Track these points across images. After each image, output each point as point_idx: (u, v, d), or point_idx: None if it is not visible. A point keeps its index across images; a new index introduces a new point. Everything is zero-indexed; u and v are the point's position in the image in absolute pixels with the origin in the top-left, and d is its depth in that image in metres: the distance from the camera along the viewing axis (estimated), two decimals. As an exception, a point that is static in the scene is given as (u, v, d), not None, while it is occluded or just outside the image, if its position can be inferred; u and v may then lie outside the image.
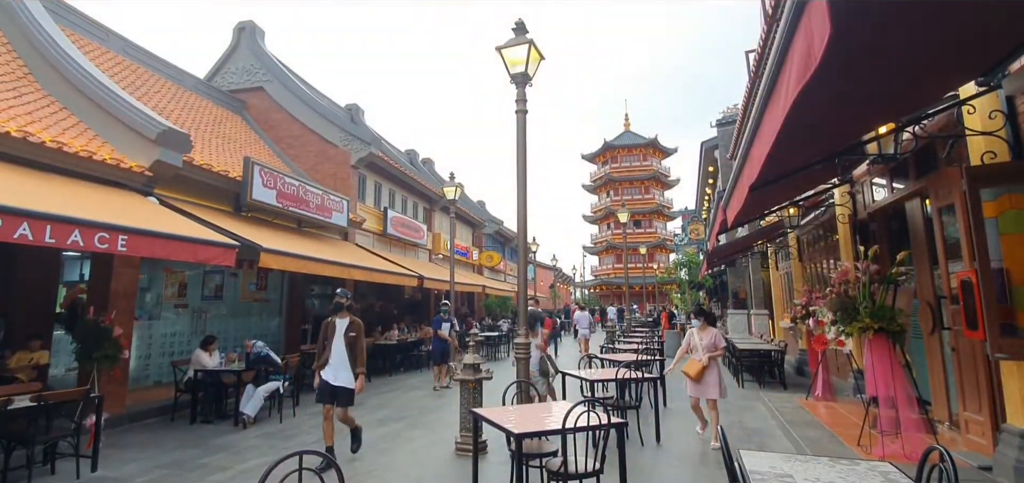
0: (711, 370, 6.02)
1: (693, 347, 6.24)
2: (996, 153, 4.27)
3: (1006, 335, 3.96)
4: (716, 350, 6.13)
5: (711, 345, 6.12)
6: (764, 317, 14.67)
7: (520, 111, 5.93)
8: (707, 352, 6.06)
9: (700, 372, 6.01)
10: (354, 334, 5.55)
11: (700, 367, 6.02)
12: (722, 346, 6.25)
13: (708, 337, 6.18)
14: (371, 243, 14.79)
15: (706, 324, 6.33)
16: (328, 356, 5.48)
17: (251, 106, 15.14)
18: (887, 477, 2.57)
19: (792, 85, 2.07)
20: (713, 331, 6.28)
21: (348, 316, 5.65)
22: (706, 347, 6.09)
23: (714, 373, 6.02)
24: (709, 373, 6.01)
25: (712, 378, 6.01)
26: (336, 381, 5.42)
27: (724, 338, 10.20)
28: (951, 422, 5.52)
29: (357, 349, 5.55)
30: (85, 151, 6.89)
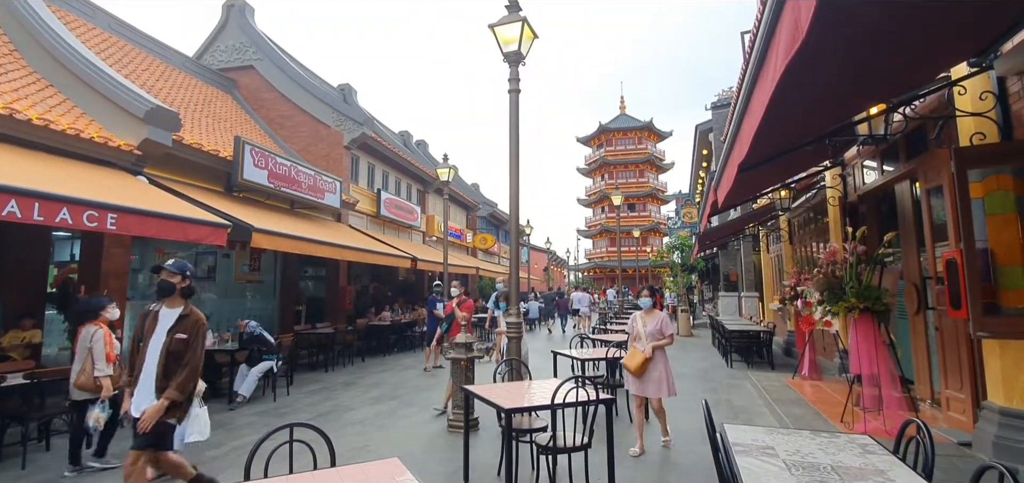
0: (656, 363, 5.01)
1: (636, 335, 5.18)
2: (985, 134, 4.31)
3: (989, 314, 4.05)
4: (662, 337, 5.03)
5: (656, 332, 5.03)
6: (754, 299, 14.82)
7: (513, 90, 5.90)
8: (652, 340, 5.01)
9: (642, 365, 4.95)
10: (184, 336, 3.52)
11: (642, 359, 4.94)
12: (670, 333, 5.08)
13: (653, 322, 5.12)
14: (364, 225, 14.76)
15: (653, 306, 5.34)
16: (139, 372, 3.53)
17: (241, 85, 14.94)
18: (865, 449, 2.64)
19: (779, 60, 2.09)
20: (659, 316, 5.20)
21: (182, 305, 3.65)
22: (651, 334, 5.02)
23: (660, 367, 5.02)
24: (653, 367, 4.99)
25: (657, 373, 5.00)
26: (138, 412, 3.46)
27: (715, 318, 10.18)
28: (933, 400, 5.64)
29: (184, 361, 3.48)
30: (72, 129, 6.80)
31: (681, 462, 4.85)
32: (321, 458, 2.68)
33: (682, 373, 9.69)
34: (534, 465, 4.26)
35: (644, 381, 5.03)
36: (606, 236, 52.09)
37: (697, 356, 12.08)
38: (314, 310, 13.56)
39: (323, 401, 7.40)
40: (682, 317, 17.16)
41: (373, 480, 2.31)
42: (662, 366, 5.05)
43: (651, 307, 5.30)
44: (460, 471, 4.48)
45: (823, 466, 2.38)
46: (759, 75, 2.56)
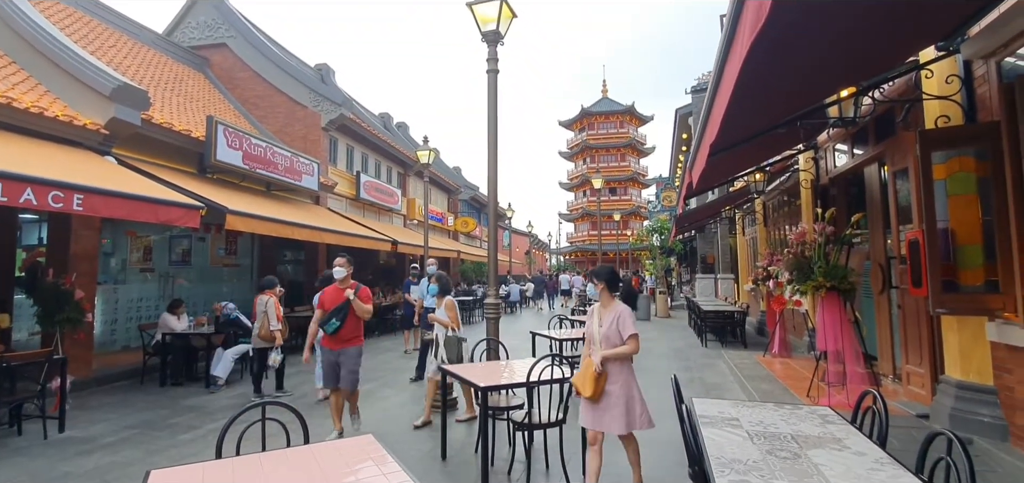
0: (614, 381, 3.42)
1: (591, 337, 3.60)
2: (950, 117, 4.44)
3: (947, 292, 4.21)
4: (620, 342, 3.42)
5: (611, 334, 3.45)
6: (730, 281, 15.13)
7: (491, 70, 5.87)
8: (605, 347, 3.46)
9: (593, 385, 3.39)
10: None
11: (592, 377, 3.39)
12: (629, 335, 3.41)
13: (609, 318, 3.50)
14: (344, 207, 14.59)
15: (611, 294, 3.62)
16: None
17: (214, 63, 14.53)
18: (825, 419, 2.76)
19: (745, 40, 2.12)
20: (616, 311, 3.51)
21: None
22: (604, 337, 3.47)
23: (619, 387, 3.41)
24: (612, 385, 3.41)
25: (614, 397, 3.39)
26: None
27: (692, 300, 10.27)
28: (895, 375, 5.87)
29: None
30: (36, 107, 6.56)
31: (655, 436, 4.96)
32: (296, 438, 2.69)
33: (658, 352, 9.90)
34: (511, 442, 4.33)
35: (600, 409, 3.41)
36: (587, 220, 52.38)
37: (674, 336, 12.33)
38: (293, 294, 13.43)
39: (302, 384, 7.37)
40: (660, 299, 17.45)
41: (347, 458, 2.33)
42: (622, 385, 3.40)
43: (611, 297, 3.61)
44: (438, 449, 4.53)
45: (783, 435, 2.48)
46: (728, 56, 2.60)
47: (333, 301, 4.84)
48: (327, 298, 4.88)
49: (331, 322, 4.80)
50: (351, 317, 4.83)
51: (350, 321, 4.82)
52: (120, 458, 4.55)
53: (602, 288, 3.65)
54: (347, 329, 4.83)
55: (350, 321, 4.82)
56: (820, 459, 2.17)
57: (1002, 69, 4.05)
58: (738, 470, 2.04)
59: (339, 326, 4.80)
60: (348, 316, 4.82)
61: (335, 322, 4.79)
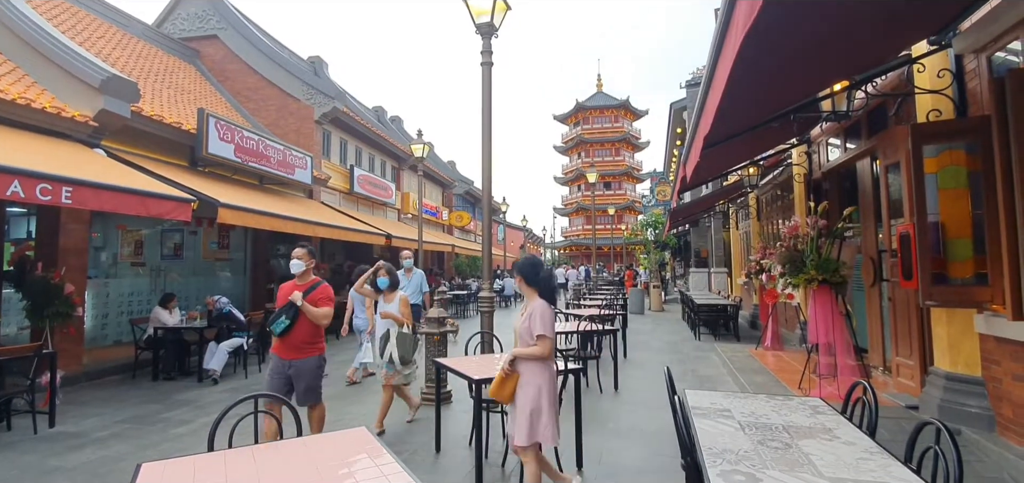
0: (523, 384, 3.09)
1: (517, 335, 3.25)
2: (942, 111, 4.47)
3: (937, 284, 4.25)
4: (533, 340, 3.07)
5: (525, 332, 3.13)
6: (723, 275, 15.22)
7: (485, 63, 5.84)
8: (520, 344, 3.17)
9: (502, 387, 3.14)
10: None
11: (499, 378, 3.14)
12: (539, 334, 3.04)
13: (526, 315, 3.18)
14: (337, 201, 14.52)
15: (531, 287, 3.26)
16: None
17: (205, 55, 14.37)
18: (816, 410, 2.78)
19: (738, 32, 2.12)
20: (534, 306, 3.16)
21: None
22: (519, 335, 3.19)
23: (528, 391, 3.06)
24: (520, 389, 3.11)
25: (522, 403, 3.07)
26: None
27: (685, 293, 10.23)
28: (885, 367, 5.94)
29: None
30: (23, 98, 6.47)
31: (647, 428, 5.00)
32: (288, 431, 2.68)
33: (652, 346, 9.95)
34: (505, 434, 4.33)
35: (512, 415, 3.18)
36: (582, 214, 52.45)
37: (667, 329, 12.39)
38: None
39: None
40: (654, 292, 17.52)
41: (340, 450, 2.33)
42: (529, 391, 3.05)
43: (532, 291, 3.25)
44: (432, 442, 4.54)
45: (775, 426, 2.50)
46: (721, 49, 2.59)
47: (287, 297, 4.02)
48: (283, 295, 4.08)
49: (279, 321, 3.90)
50: (305, 318, 3.97)
51: (305, 323, 3.97)
52: (111, 452, 4.53)
53: (520, 281, 3.31)
54: (301, 333, 3.95)
55: (305, 323, 3.97)
56: (811, 449, 2.19)
57: (993, 63, 4.08)
58: (730, 460, 2.06)
59: (289, 326, 3.90)
60: (301, 315, 3.95)
61: (284, 320, 3.90)
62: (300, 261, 4.14)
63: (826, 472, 1.95)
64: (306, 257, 4.16)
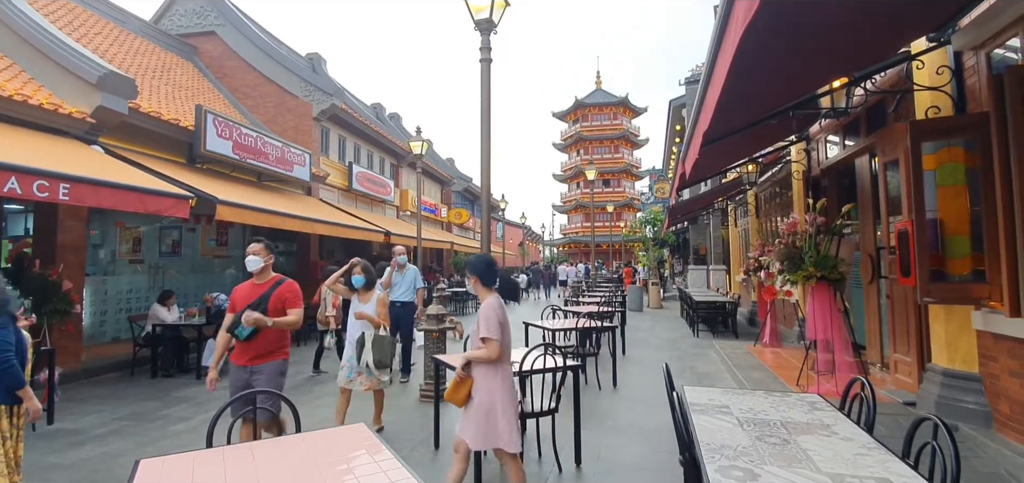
0: (478, 387, 3.00)
1: None
2: (940, 108, 4.47)
3: (935, 281, 4.25)
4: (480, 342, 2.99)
5: (474, 332, 3.09)
6: (722, 272, 15.23)
7: (484, 60, 5.83)
8: (472, 346, 3.14)
9: (456, 391, 3.08)
10: None
11: (454, 384, 3.10)
12: (485, 336, 2.95)
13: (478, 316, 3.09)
14: (336, 199, 14.50)
15: (487, 288, 3.17)
16: None
17: (202, 52, 14.33)
18: (814, 406, 2.79)
19: (738, 27, 2.12)
20: (483, 307, 3.09)
21: None
22: (473, 335, 3.14)
23: (481, 394, 2.97)
24: (475, 392, 3.01)
25: (476, 406, 2.97)
26: None
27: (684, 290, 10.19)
28: (882, 364, 5.95)
29: None
30: (20, 95, 6.45)
31: (646, 425, 5.01)
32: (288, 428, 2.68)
33: (651, 343, 9.97)
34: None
35: (464, 417, 3.06)
36: (581, 211, 52.46)
37: (665, 326, 12.41)
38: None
39: (296, 375, 7.35)
40: (653, 290, 17.54)
41: (340, 447, 2.33)
42: (482, 394, 2.96)
43: (487, 291, 3.17)
44: (431, 438, 4.54)
45: (773, 422, 2.50)
46: (721, 45, 2.59)
47: (246, 299, 3.61)
48: (239, 296, 3.65)
49: (241, 326, 3.50)
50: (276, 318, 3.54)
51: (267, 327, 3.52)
52: (110, 449, 4.52)
53: (475, 281, 3.19)
54: (265, 338, 3.56)
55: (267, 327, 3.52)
56: (808, 445, 2.19)
57: (991, 60, 4.08)
58: (728, 456, 2.06)
59: (253, 331, 3.53)
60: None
61: (246, 326, 3.50)
62: (257, 257, 3.65)
63: (824, 467, 1.95)
64: (264, 252, 3.70)
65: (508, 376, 3.06)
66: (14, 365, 2.87)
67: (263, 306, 3.55)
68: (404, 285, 7.16)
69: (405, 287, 7.15)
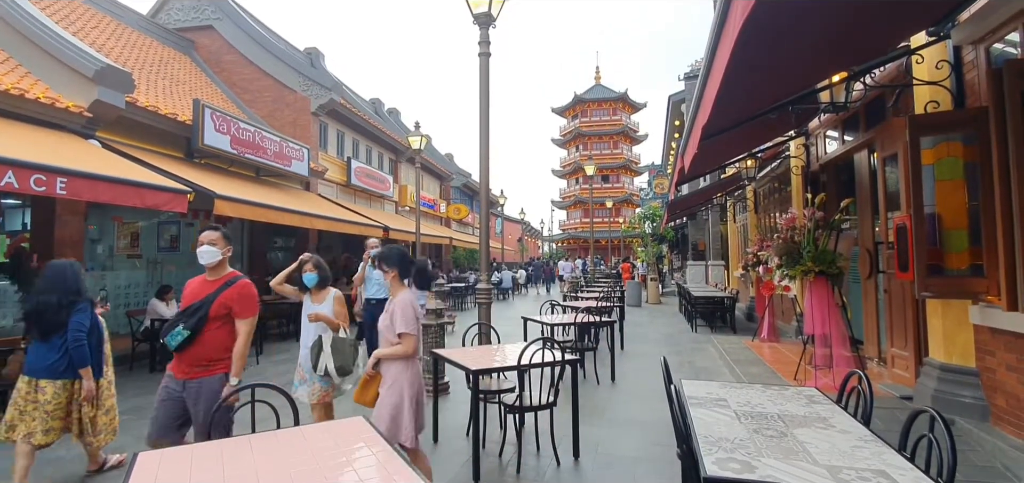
0: (391, 386, 2.95)
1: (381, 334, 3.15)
2: (939, 103, 4.46)
3: (933, 275, 4.26)
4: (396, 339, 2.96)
5: (387, 328, 3.01)
6: (721, 267, 15.25)
7: (483, 54, 5.82)
8: (383, 342, 3.05)
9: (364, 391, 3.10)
10: None
11: (363, 384, 3.11)
12: (401, 332, 2.92)
13: (388, 312, 3.06)
14: (335, 194, 14.48)
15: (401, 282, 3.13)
16: None
17: (200, 46, 14.27)
18: (811, 400, 2.79)
19: (737, 20, 2.11)
20: (399, 300, 3.01)
21: None
22: (382, 332, 3.06)
23: (389, 390, 2.95)
24: (386, 392, 2.96)
25: (383, 402, 2.94)
26: None
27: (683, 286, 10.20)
28: (880, 358, 5.97)
29: None
30: (16, 89, 6.42)
31: (644, 418, 5.03)
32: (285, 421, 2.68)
33: (649, 338, 9.99)
34: (502, 424, 4.35)
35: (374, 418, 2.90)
36: (580, 207, 52.44)
37: (664, 321, 12.43)
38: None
39: (293, 370, 7.34)
40: (651, 285, 17.56)
41: (338, 440, 2.32)
42: (390, 390, 2.93)
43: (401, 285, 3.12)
44: (429, 433, 4.55)
45: (770, 415, 2.51)
46: (720, 38, 2.58)
47: (194, 297, 3.04)
48: (189, 292, 3.10)
49: (176, 331, 2.90)
50: (215, 325, 2.97)
51: (214, 332, 2.98)
52: (110, 443, 4.52)
53: (393, 275, 3.06)
54: (208, 344, 2.96)
55: (214, 332, 2.98)
56: (806, 437, 2.20)
57: (991, 55, 4.08)
58: (725, 448, 2.07)
59: (189, 338, 2.91)
60: (207, 322, 2.94)
61: (182, 331, 2.89)
62: (213, 249, 3.04)
63: (821, 460, 1.96)
64: (221, 242, 3.11)
65: (418, 372, 3.04)
66: (83, 346, 3.44)
67: (203, 310, 2.94)
68: (378, 281, 6.37)
69: (380, 283, 6.37)
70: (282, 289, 4.41)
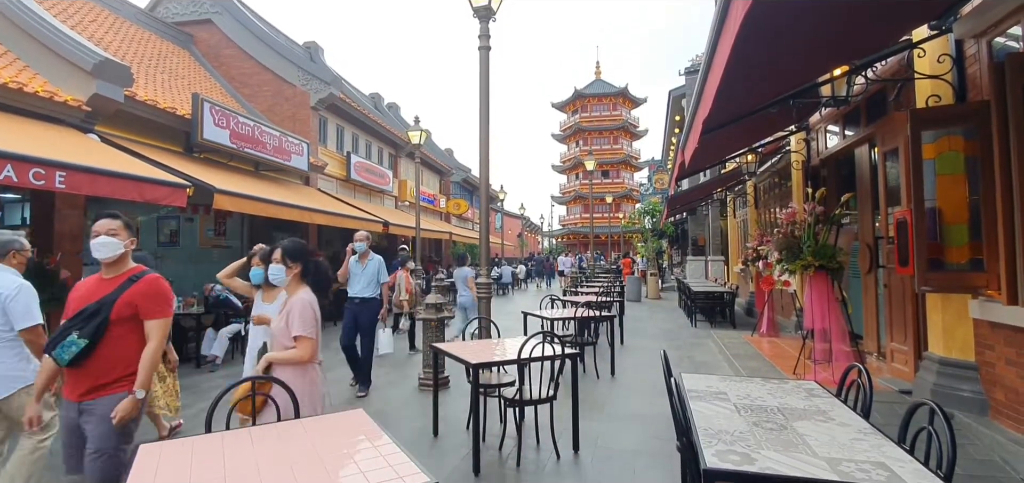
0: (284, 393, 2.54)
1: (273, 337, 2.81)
2: (941, 97, 4.45)
3: (933, 270, 4.26)
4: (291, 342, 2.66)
5: (282, 330, 2.68)
6: (720, 263, 15.26)
7: (483, 47, 5.80)
8: (275, 345, 2.76)
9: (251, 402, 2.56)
10: None
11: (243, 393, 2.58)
12: (305, 334, 2.64)
13: (284, 312, 2.75)
14: (334, 189, 14.46)
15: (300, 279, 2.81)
16: None
17: (199, 40, 14.21)
18: (811, 393, 2.80)
19: (739, 12, 2.10)
20: (298, 300, 2.70)
21: None
22: (275, 334, 2.75)
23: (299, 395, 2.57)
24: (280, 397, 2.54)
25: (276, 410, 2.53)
26: None
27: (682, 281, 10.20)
28: (879, 353, 5.98)
29: None
30: (15, 82, 6.39)
31: (643, 412, 5.04)
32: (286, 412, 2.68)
33: (649, 333, 10.00)
34: (502, 418, 4.36)
35: None
36: (580, 202, 52.43)
37: (663, 316, 12.44)
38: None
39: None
40: (651, 280, 17.57)
41: (339, 433, 2.33)
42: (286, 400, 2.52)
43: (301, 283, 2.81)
44: (430, 426, 4.56)
45: (770, 408, 2.51)
46: (721, 30, 2.57)
47: (85, 300, 2.49)
48: (77, 296, 2.54)
49: (69, 341, 2.37)
50: (119, 331, 2.44)
51: (117, 341, 2.44)
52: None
53: (295, 272, 2.78)
54: (107, 357, 2.43)
55: (117, 341, 2.44)
56: (805, 430, 2.20)
57: (993, 48, 4.06)
58: (725, 441, 2.07)
59: (86, 349, 2.37)
60: (108, 328, 2.41)
61: (77, 340, 2.37)
62: (113, 240, 2.52)
63: (820, 452, 1.97)
64: (123, 232, 2.58)
65: (316, 379, 2.71)
66: None
67: (103, 314, 2.40)
68: (364, 278, 5.90)
69: (366, 281, 5.89)
70: (232, 284, 3.99)
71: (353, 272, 5.95)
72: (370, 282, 5.97)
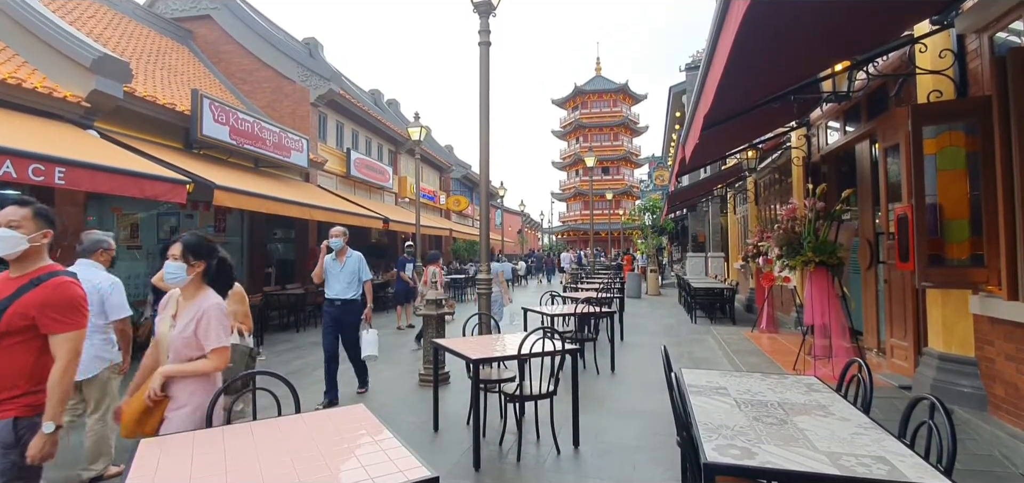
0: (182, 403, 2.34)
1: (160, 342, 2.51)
2: (942, 92, 4.44)
3: (933, 265, 4.26)
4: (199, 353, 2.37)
5: (188, 339, 2.35)
6: (720, 259, 15.26)
7: (483, 42, 5.79)
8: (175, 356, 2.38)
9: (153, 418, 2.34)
10: None
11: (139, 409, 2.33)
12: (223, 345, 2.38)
13: (189, 315, 2.39)
14: (334, 185, 14.45)
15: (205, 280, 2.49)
16: None
17: (198, 36, 14.18)
18: (811, 388, 2.80)
19: (740, 6, 2.09)
20: (206, 305, 2.39)
21: None
22: (174, 344, 2.38)
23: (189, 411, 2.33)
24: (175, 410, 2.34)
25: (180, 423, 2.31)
26: None
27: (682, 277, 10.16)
28: (879, 349, 5.98)
29: None
30: (14, 78, 6.38)
31: (643, 408, 5.05)
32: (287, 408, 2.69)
33: (649, 329, 10.00)
34: (502, 413, 4.37)
35: None
36: (580, 199, 52.40)
37: (663, 313, 12.45)
38: (285, 271, 13.38)
39: (294, 359, 7.39)
40: (651, 277, 17.58)
41: (340, 427, 2.33)
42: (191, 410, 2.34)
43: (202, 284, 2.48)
44: (430, 421, 4.57)
45: (770, 403, 2.51)
46: (722, 24, 2.56)
47: None
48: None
49: None
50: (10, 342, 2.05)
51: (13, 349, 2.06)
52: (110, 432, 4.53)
53: (199, 270, 2.43)
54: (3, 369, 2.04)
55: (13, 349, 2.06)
56: (805, 425, 2.20)
57: (994, 43, 4.05)
58: (725, 435, 2.07)
59: None
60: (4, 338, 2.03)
61: None
62: (14, 233, 2.13)
63: (821, 446, 1.97)
64: (29, 223, 2.20)
65: (217, 388, 2.45)
66: None
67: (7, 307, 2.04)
68: (344, 278, 5.37)
69: (346, 280, 5.36)
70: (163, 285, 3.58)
71: (330, 272, 5.36)
72: (351, 281, 5.39)
